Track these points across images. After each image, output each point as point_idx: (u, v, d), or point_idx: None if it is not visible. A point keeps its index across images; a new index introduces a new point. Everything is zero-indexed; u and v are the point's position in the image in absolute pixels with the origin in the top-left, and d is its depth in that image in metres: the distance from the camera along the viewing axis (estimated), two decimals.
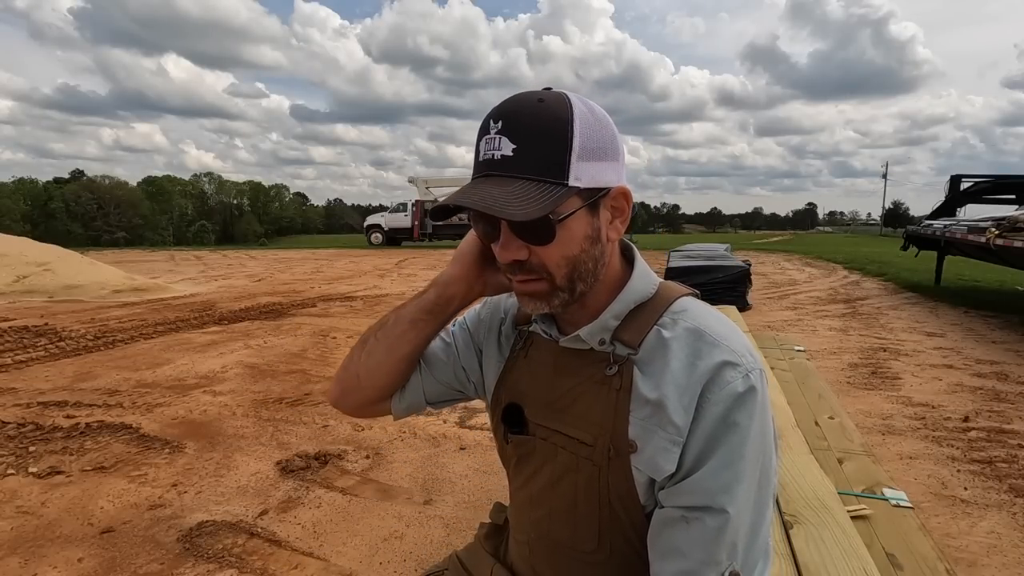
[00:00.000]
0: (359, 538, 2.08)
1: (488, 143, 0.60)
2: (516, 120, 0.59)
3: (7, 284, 7.84)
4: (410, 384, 0.84)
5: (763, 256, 16.60)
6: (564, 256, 0.62)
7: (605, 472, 0.66)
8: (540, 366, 0.75)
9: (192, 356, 4.65)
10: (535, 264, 0.63)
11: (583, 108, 0.61)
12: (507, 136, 0.59)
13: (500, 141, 0.59)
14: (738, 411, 0.60)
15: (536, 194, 0.58)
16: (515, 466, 0.79)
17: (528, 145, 0.59)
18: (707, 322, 0.65)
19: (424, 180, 25.60)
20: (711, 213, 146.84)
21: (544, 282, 0.64)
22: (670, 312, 0.67)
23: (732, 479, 0.59)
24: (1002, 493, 2.41)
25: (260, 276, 11.59)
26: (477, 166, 0.62)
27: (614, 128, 0.64)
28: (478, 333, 0.86)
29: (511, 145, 0.59)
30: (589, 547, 0.69)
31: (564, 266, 0.63)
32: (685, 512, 0.60)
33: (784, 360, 2.68)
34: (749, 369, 0.61)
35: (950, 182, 9.09)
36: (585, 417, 0.67)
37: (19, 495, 2.35)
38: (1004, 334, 5.58)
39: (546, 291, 0.64)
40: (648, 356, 0.65)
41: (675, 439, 0.61)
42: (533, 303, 0.66)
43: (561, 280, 0.64)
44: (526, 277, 0.64)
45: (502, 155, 0.59)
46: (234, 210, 60.34)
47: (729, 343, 0.63)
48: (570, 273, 0.64)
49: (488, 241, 0.67)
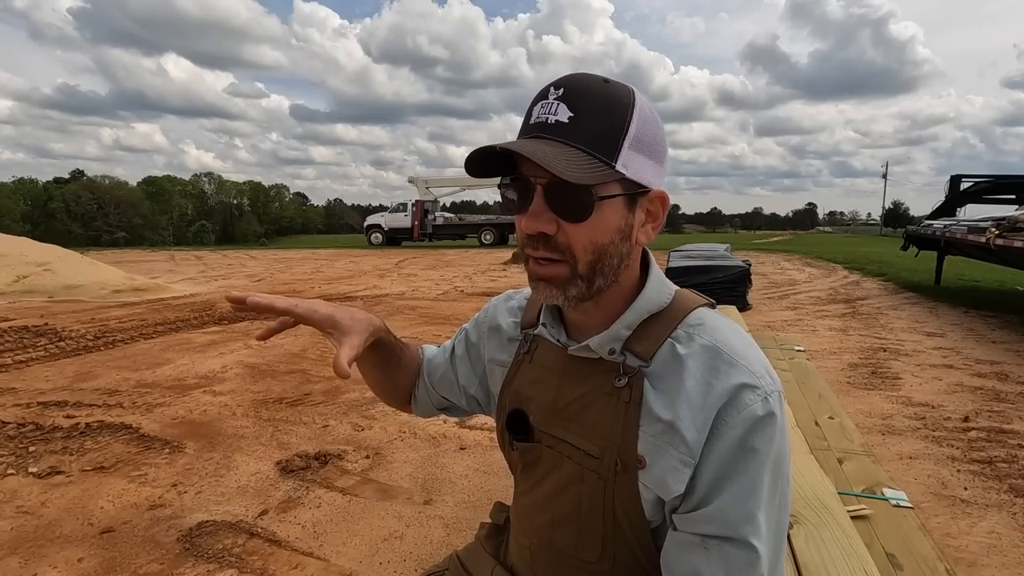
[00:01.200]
0: (359, 538, 2.08)
1: (544, 107, 0.59)
2: (578, 90, 0.59)
3: (7, 284, 7.84)
4: (419, 393, 0.91)
5: (763, 256, 16.59)
6: (592, 241, 0.60)
7: (611, 485, 0.64)
8: (546, 372, 0.73)
9: (192, 356, 4.65)
10: (560, 243, 0.60)
11: (644, 102, 0.61)
12: (566, 104, 0.58)
13: (558, 107, 0.58)
14: (757, 436, 0.58)
15: (584, 163, 0.56)
16: (520, 472, 0.77)
17: (586, 116, 0.58)
18: (725, 338, 0.63)
19: (424, 180, 25.61)
20: (711, 213, 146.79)
21: (565, 266, 0.61)
22: (685, 325, 0.65)
23: (754, 508, 0.57)
24: (1002, 493, 2.41)
25: (260, 276, 11.59)
26: (526, 128, 0.60)
27: (665, 135, 0.64)
28: (480, 340, 0.86)
29: (568, 112, 0.58)
30: (592, 557, 0.68)
31: (590, 252, 0.60)
32: (704, 539, 0.59)
33: (784, 360, 2.68)
34: (768, 392, 0.59)
35: (950, 182, 9.08)
36: (593, 428, 0.66)
37: (19, 495, 2.35)
38: (1004, 334, 5.58)
39: (565, 277, 0.61)
40: (661, 371, 0.63)
41: (686, 459, 0.59)
42: (548, 290, 0.62)
43: (583, 267, 0.61)
44: (548, 255, 0.61)
45: (557, 120, 0.58)
46: (234, 210, 60.31)
47: (748, 363, 0.60)
48: (594, 262, 0.61)
49: (512, 210, 0.63)
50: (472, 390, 0.87)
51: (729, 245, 10.28)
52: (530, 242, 0.62)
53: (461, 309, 7.14)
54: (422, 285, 9.79)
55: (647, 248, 0.69)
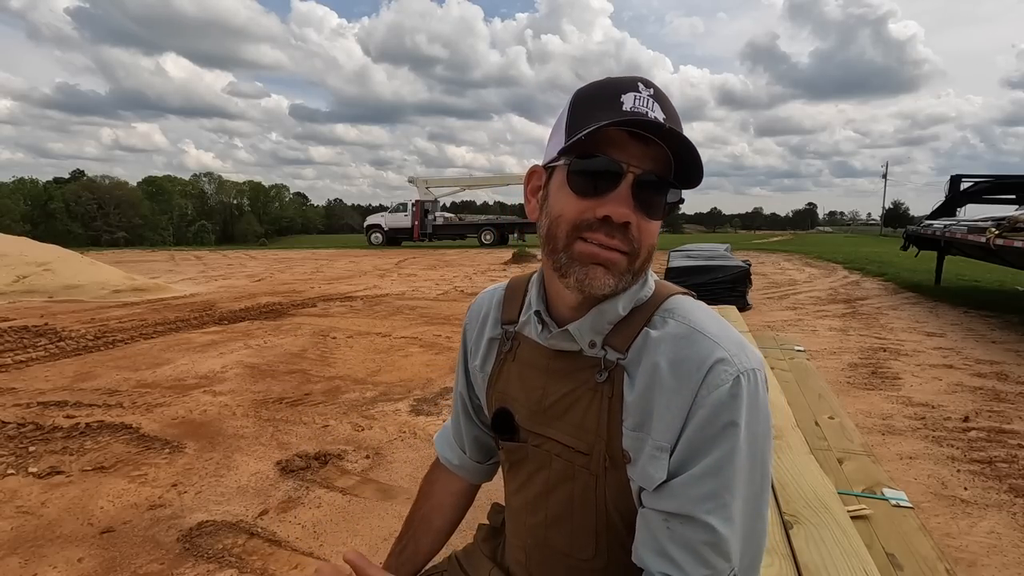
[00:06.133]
0: (359, 538, 2.08)
1: (638, 100, 0.58)
2: (664, 97, 0.60)
3: (7, 284, 7.84)
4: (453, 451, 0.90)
5: (763, 256, 16.59)
6: (653, 240, 0.62)
7: (602, 482, 0.64)
8: (530, 369, 0.72)
9: (192, 356, 4.65)
10: (634, 235, 0.60)
11: None
12: (659, 104, 0.59)
13: (652, 104, 0.59)
14: (727, 413, 0.57)
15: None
16: (508, 471, 0.77)
17: (674, 122, 0.59)
18: (696, 318, 0.63)
19: (424, 180, 25.62)
20: (711, 213, 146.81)
21: (626, 257, 0.61)
22: (660, 311, 0.65)
23: (720, 488, 0.56)
24: (1002, 493, 2.41)
25: (260, 276, 11.59)
26: (619, 113, 0.58)
27: None
28: (471, 339, 0.84)
29: (663, 115, 0.58)
30: (586, 554, 0.68)
31: (649, 249, 0.62)
32: (668, 517, 0.58)
33: (784, 360, 2.68)
34: (740, 369, 0.58)
35: (950, 182, 9.09)
36: (580, 425, 0.65)
37: (19, 495, 2.35)
38: (1004, 334, 5.58)
39: (624, 267, 0.61)
40: (635, 358, 0.63)
41: (661, 445, 0.59)
42: (604, 276, 0.60)
43: (640, 262, 0.62)
44: (621, 246, 0.60)
45: (656, 117, 0.58)
46: (234, 210, 60.38)
47: (719, 340, 0.60)
48: (646, 260, 0.63)
49: (585, 194, 0.60)
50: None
51: (729, 245, 10.28)
52: (605, 228, 0.59)
53: (461, 309, 7.13)
54: (422, 285, 9.79)
55: None
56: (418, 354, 4.77)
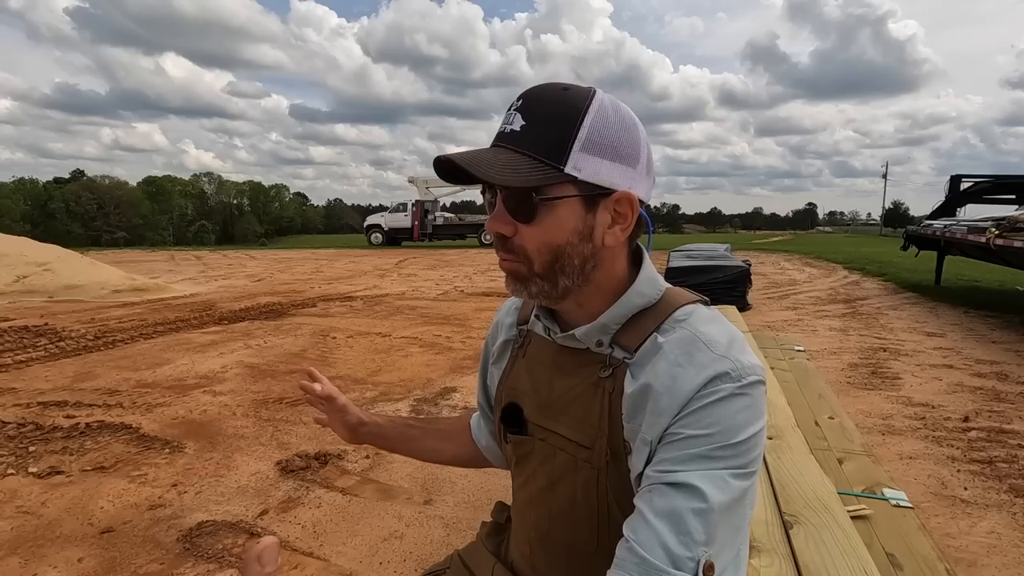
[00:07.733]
0: (359, 538, 2.08)
1: (506, 118, 0.62)
2: (534, 100, 0.61)
3: (7, 284, 7.84)
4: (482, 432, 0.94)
5: (763, 256, 16.60)
6: (546, 243, 0.62)
7: (604, 475, 0.65)
8: (538, 365, 0.74)
9: (192, 356, 4.65)
10: (515, 244, 0.63)
11: (606, 105, 0.61)
12: (522, 113, 0.61)
13: (514, 117, 0.61)
14: (721, 407, 0.57)
15: (526, 168, 0.59)
16: (515, 466, 0.79)
17: (536, 124, 0.60)
18: (705, 328, 0.63)
19: (424, 180, 25.57)
20: (711, 213, 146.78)
21: (521, 265, 0.63)
22: (672, 319, 0.65)
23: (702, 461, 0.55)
24: (1002, 493, 2.41)
25: (260, 276, 11.59)
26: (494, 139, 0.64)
27: (641, 137, 0.64)
28: (492, 346, 0.87)
29: (522, 122, 0.60)
30: (589, 548, 0.69)
31: (545, 253, 0.62)
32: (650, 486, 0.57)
33: (784, 360, 2.68)
34: (742, 383, 0.58)
35: (950, 182, 9.08)
36: (583, 419, 0.67)
37: (19, 495, 2.35)
38: (1004, 334, 5.58)
39: (524, 274, 0.64)
40: (642, 360, 0.63)
41: (647, 440, 0.59)
42: (514, 284, 0.66)
43: (539, 267, 0.63)
44: (505, 255, 0.65)
45: (511, 129, 0.61)
46: (234, 210, 60.36)
47: (725, 352, 0.60)
48: (551, 262, 0.62)
49: (489, 211, 0.67)
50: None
51: (729, 245, 10.28)
52: (495, 243, 0.66)
53: (461, 309, 7.14)
54: (422, 285, 9.79)
55: (642, 247, 0.70)
56: (418, 354, 4.78)
